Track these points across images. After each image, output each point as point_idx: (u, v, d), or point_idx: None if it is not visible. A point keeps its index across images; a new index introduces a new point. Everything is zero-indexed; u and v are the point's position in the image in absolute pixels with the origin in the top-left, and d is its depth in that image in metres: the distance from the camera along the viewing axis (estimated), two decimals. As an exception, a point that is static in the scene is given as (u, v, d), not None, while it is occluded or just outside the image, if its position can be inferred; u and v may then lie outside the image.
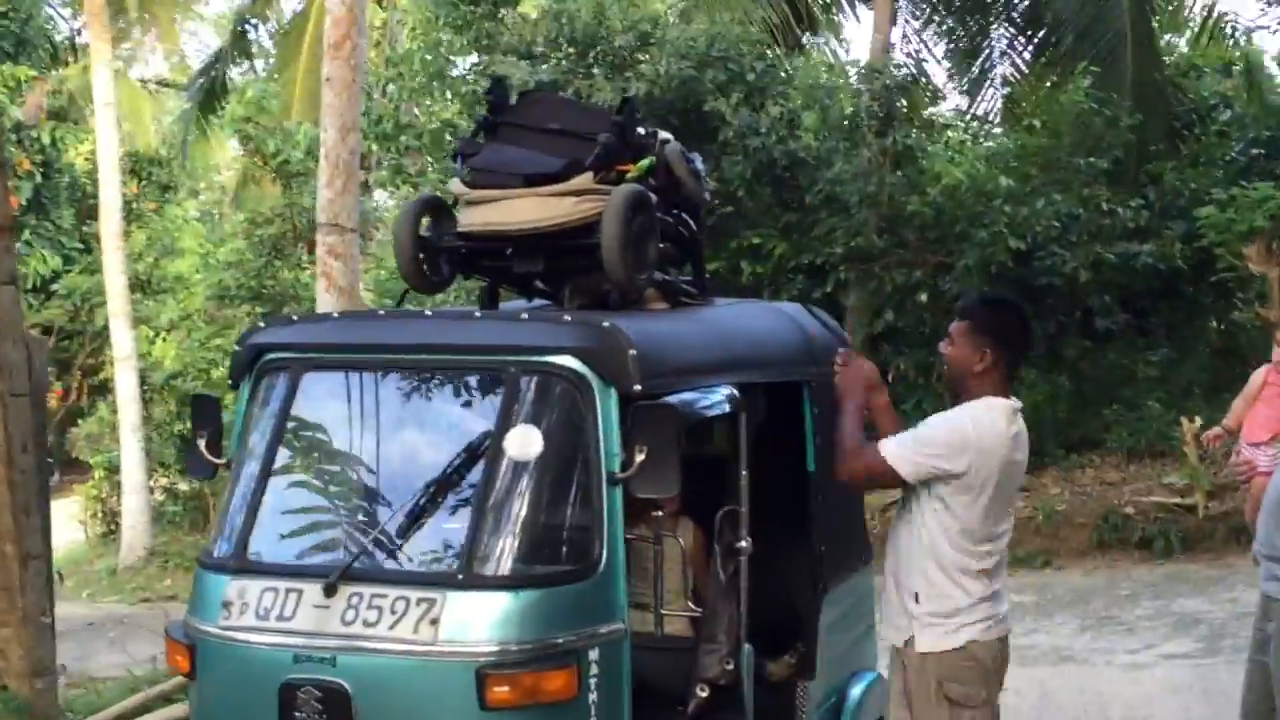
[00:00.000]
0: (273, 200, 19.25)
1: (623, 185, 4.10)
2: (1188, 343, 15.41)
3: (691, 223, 4.69)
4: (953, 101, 18.62)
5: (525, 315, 3.83)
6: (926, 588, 3.94)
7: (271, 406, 3.78)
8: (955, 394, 4.09)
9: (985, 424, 3.92)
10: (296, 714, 3.34)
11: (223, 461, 3.89)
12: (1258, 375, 4.99)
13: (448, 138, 14.74)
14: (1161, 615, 9.04)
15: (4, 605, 5.73)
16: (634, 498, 3.59)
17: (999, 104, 16.92)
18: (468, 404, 3.80)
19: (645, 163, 4.32)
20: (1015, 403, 4.03)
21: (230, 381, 3.99)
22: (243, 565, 3.57)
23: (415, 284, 4.30)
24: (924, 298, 13.30)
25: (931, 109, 17.63)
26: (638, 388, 3.52)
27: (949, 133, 16.81)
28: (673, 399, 3.63)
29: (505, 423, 3.50)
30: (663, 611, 4.28)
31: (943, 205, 13.03)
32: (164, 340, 19.95)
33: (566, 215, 4.07)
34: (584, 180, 4.12)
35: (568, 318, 3.72)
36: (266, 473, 3.69)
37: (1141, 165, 14.25)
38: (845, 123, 13.80)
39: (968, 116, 17.43)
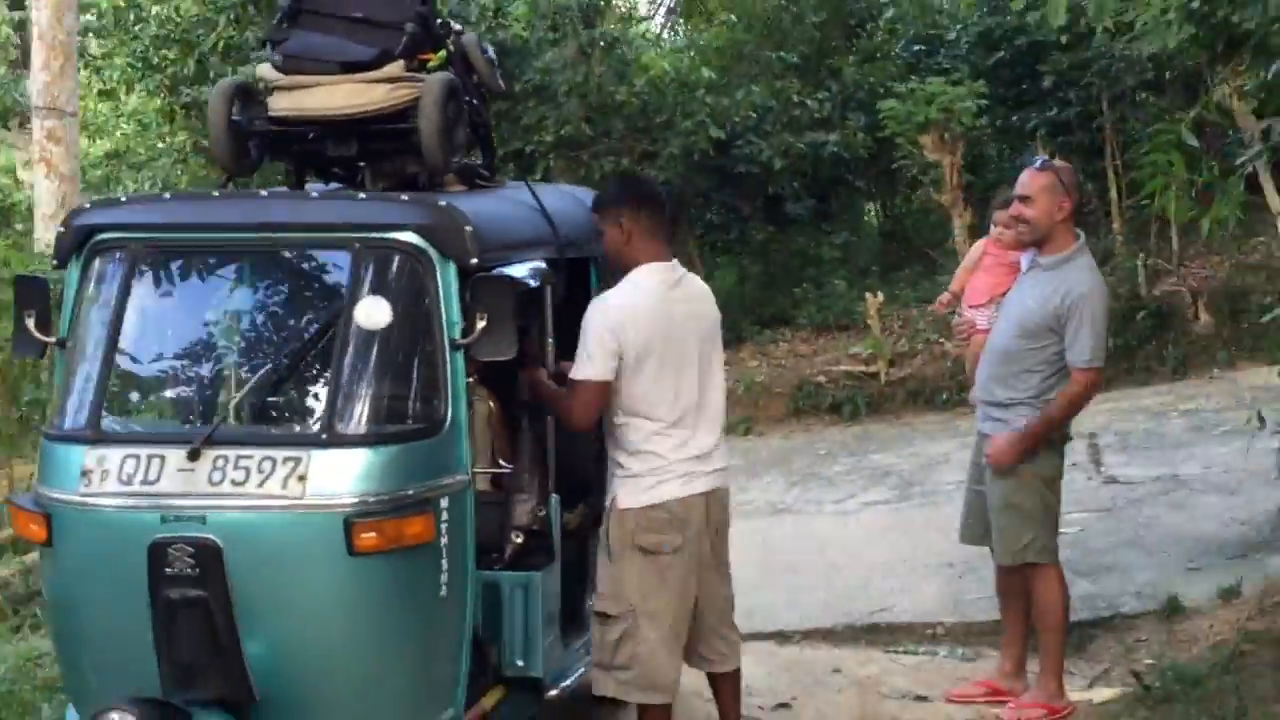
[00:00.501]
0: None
1: (437, 73, 4.36)
2: (862, 227, 16.82)
3: (482, 109, 4.98)
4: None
5: (362, 195, 4.06)
6: (621, 452, 4.29)
7: (109, 286, 3.87)
8: (623, 273, 4.37)
9: (629, 290, 4.23)
10: (168, 570, 3.53)
11: (52, 340, 3.95)
12: (978, 246, 5.74)
13: (132, 18, 14.10)
14: (857, 470, 10.08)
15: None
16: None
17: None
18: (314, 279, 4.03)
19: (442, 52, 4.58)
20: (671, 262, 4.33)
21: (55, 261, 4.02)
22: (99, 436, 3.70)
23: (228, 167, 4.42)
24: (631, 185, 13.90)
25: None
26: (474, 261, 3.85)
27: (646, 24, 17.43)
28: (505, 270, 3.99)
29: (354, 295, 3.75)
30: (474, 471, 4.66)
31: (649, 96, 13.59)
32: None
33: (382, 101, 4.29)
34: (396, 68, 4.35)
35: (404, 197, 3.99)
36: (112, 348, 3.79)
37: (823, 60, 15.33)
38: (554, 14, 14.10)
39: (653, 6, 18.13)
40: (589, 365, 4.17)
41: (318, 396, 3.74)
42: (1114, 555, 6.76)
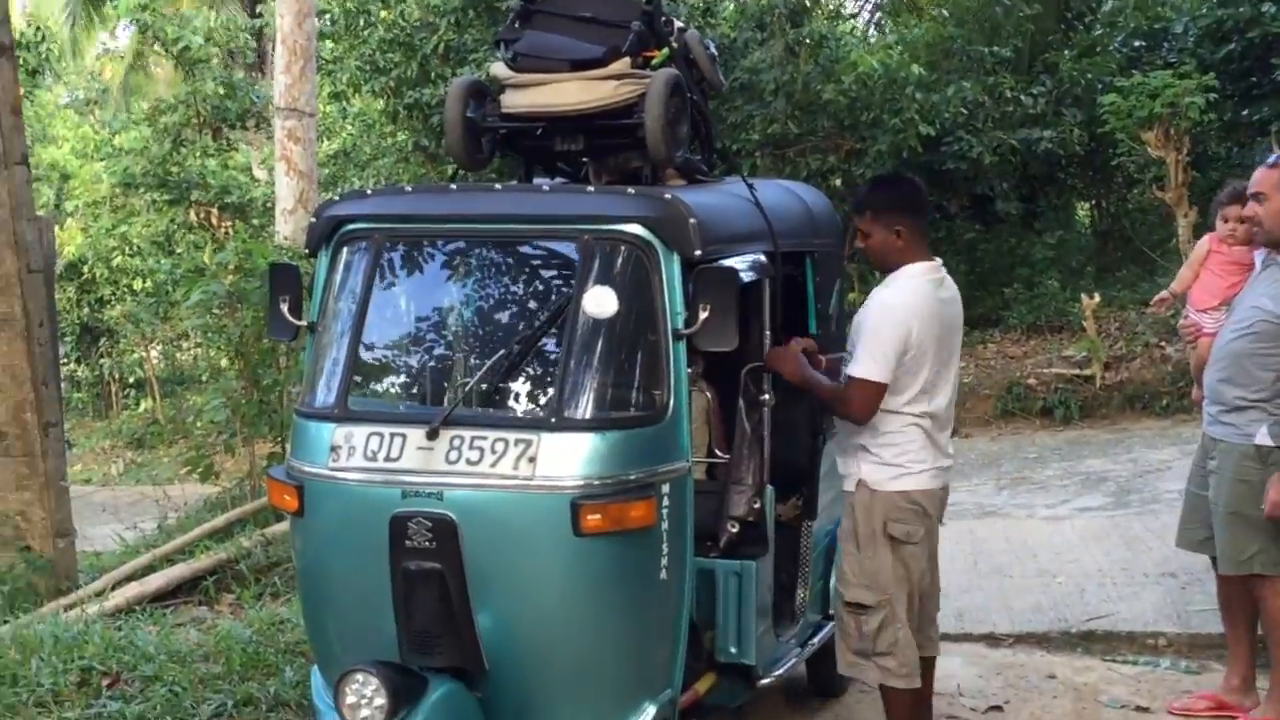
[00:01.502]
0: (164, 89, 18.92)
1: (662, 70, 4.47)
2: (1075, 226, 16.34)
3: (704, 106, 5.07)
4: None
5: (590, 189, 4.20)
6: (873, 439, 4.34)
7: (355, 273, 4.10)
8: (887, 271, 4.42)
9: (909, 291, 4.27)
10: (408, 542, 3.72)
11: (303, 324, 4.21)
12: (1203, 243, 5.46)
13: (361, 23, 14.73)
14: (1070, 475, 9.82)
15: (26, 471, 5.96)
16: None
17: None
18: (544, 269, 4.18)
19: (666, 51, 4.68)
20: (935, 261, 4.40)
21: (307, 250, 4.28)
22: (346, 414, 3.92)
23: (463, 162, 4.61)
24: (838, 183, 13.86)
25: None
26: (698, 253, 3.93)
27: (853, 22, 17.31)
28: (726, 263, 4.06)
29: (582, 285, 3.87)
30: (692, 460, 4.75)
31: (856, 93, 13.52)
32: (61, 229, 19.62)
33: (609, 97, 4.42)
34: (622, 65, 4.47)
35: (631, 191, 4.10)
36: (358, 332, 4.02)
37: (1037, 55, 14.95)
38: (761, 13, 14.15)
39: (860, 3, 17.97)
40: (875, 366, 4.19)
41: (547, 381, 3.87)
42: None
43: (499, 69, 4.59)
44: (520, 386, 3.92)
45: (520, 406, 3.91)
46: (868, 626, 4.31)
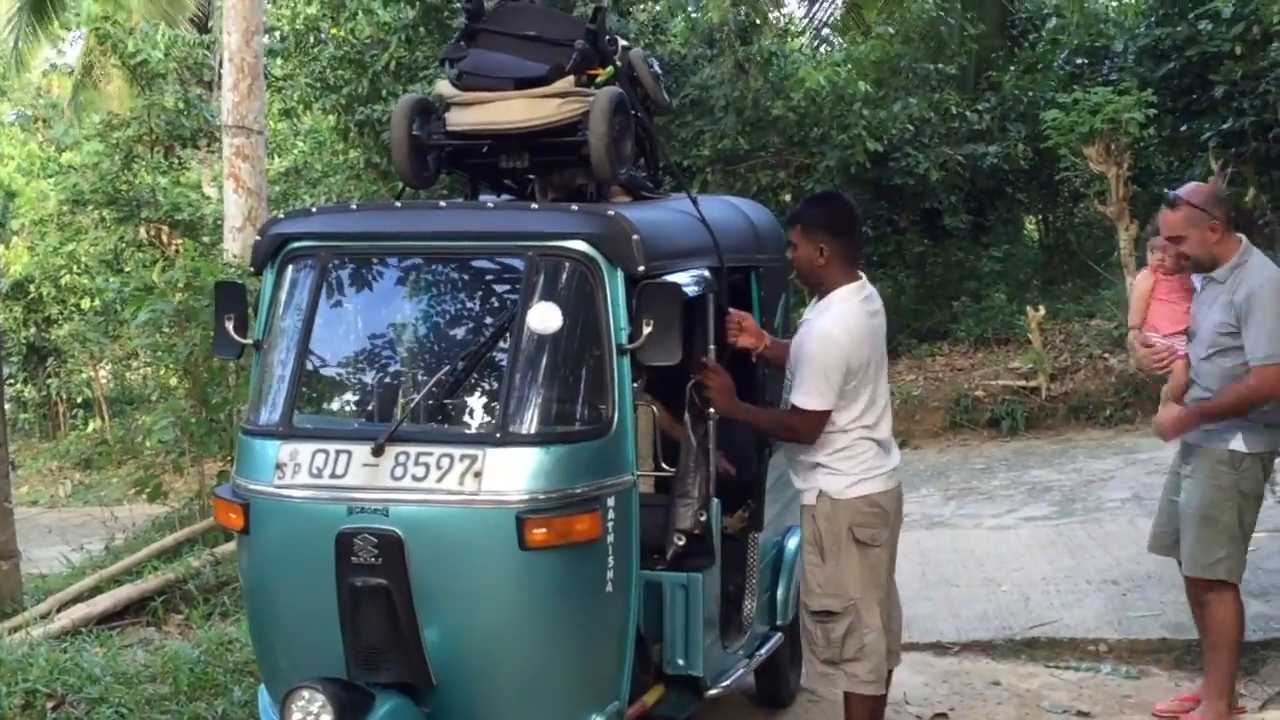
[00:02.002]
0: (116, 104, 18.76)
1: (606, 88, 4.52)
2: (1021, 240, 16.56)
3: (648, 122, 5.13)
4: (790, 8, 19.29)
5: (535, 206, 4.24)
6: (828, 456, 4.42)
7: (301, 291, 4.12)
8: (813, 288, 4.53)
9: (846, 316, 4.36)
10: (353, 559, 3.74)
11: (249, 342, 4.22)
12: (1145, 277, 5.34)
13: (311, 40, 14.72)
14: (1016, 485, 9.94)
15: (-29, 494, 5.91)
16: None
17: (837, 12, 17.63)
18: (489, 286, 4.22)
19: (610, 69, 4.74)
20: (861, 280, 4.46)
21: (252, 268, 4.29)
22: (291, 431, 3.93)
23: (409, 180, 4.64)
24: (788, 198, 13.98)
25: (774, 13, 18.25)
26: (641, 269, 3.98)
27: (799, 39, 17.48)
28: (670, 278, 4.12)
29: (526, 301, 3.91)
30: (638, 474, 4.79)
31: (805, 110, 13.66)
32: (6, 248, 19.42)
33: (553, 115, 4.47)
34: (566, 83, 4.52)
35: (575, 208, 4.15)
36: (304, 349, 4.04)
37: (982, 72, 15.18)
38: (711, 31, 14.27)
39: (807, 21, 18.15)
40: (819, 397, 4.29)
41: (492, 397, 3.90)
42: (1289, 576, 6.57)
43: (444, 87, 4.63)
44: (465, 402, 3.95)
45: (465, 422, 3.93)
46: (835, 633, 4.38)
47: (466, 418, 3.94)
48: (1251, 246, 4.86)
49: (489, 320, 4.11)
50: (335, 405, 4.15)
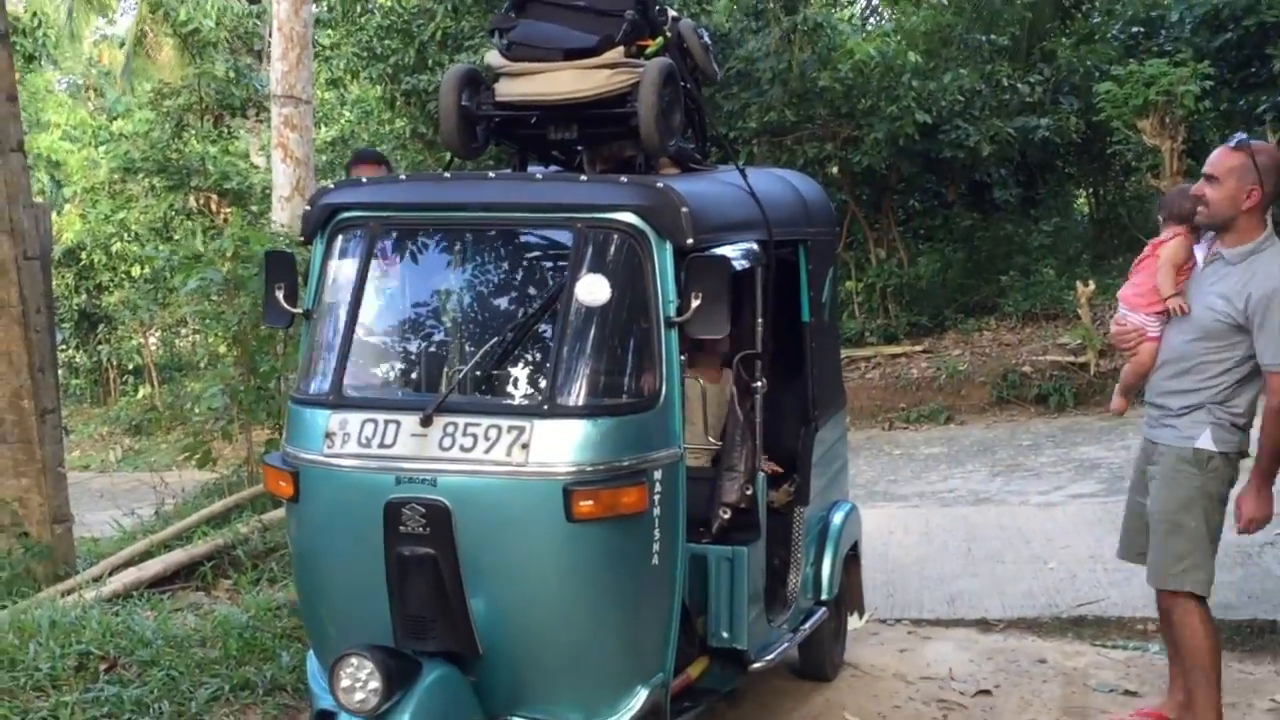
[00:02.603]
0: (167, 73, 18.91)
1: (656, 59, 4.49)
2: (1072, 214, 16.37)
3: (698, 95, 5.09)
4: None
5: (583, 178, 4.22)
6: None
7: (351, 261, 4.12)
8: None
9: None
10: (401, 528, 3.75)
11: (299, 311, 4.24)
12: (1176, 246, 5.02)
13: (358, 10, 14.74)
14: (1063, 462, 9.87)
15: (24, 457, 5.99)
16: None
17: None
18: (538, 257, 4.21)
19: (660, 40, 4.71)
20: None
21: (302, 238, 4.31)
22: (340, 400, 3.94)
23: (458, 150, 4.63)
24: (835, 170, 13.88)
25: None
26: (690, 241, 3.95)
27: (849, 9, 17.31)
28: (718, 251, 4.09)
29: (575, 273, 3.90)
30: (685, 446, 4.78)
31: (853, 81, 13.53)
32: (59, 215, 19.63)
33: (602, 86, 4.44)
34: (616, 54, 4.49)
35: (624, 179, 4.12)
36: (353, 319, 4.04)
37: (1035, 43, 14.96)
38: (756, 2, 14.15)
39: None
40: None
41: (540, 369, 3.89)
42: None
43: (493, 57, 4.61)
44: (513, 374, 3.95)
45: (513, 393, 3.93)
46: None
47: (514, 389, 3.94)
48: (1276, 237, 4.45)
49: (537, 292, 4.09)
50: (384, 375, 4.16)
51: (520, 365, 3.96)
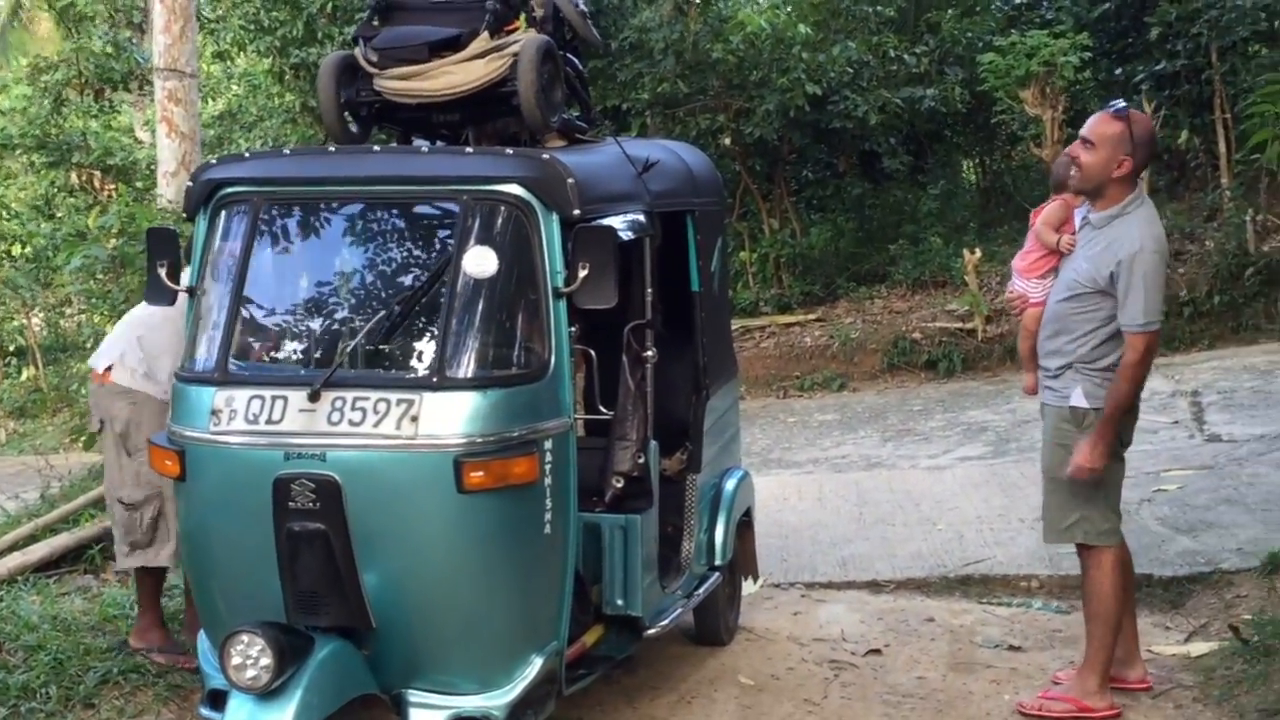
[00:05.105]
0: (46, 46, 18.34)
1: (531, 36, 4.49)
2: (959, 183, 16.68)
3: (578, 63, 5.09)
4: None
5: (469, 150, 4.22)
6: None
7: (234, 236, 4.08)
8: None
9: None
10: (291, 504, 3.74)
11: (182, 288, 4.18)
12: (1054, 208, 5.18)
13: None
14: (952, 426, 10.10)
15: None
16: None
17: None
18: (424, 230, 4.20)
19: (523, 19, 4.69)
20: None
21: (184, 214, 4.25)
22: (226, 378, 3.92)
23: (339, 137, 4.61)
24: (727, 141, 13.96)
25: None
26: (576, 212, 3.98)
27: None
28: (605, 222, 4.12)
29: (462, 245, 3.91)
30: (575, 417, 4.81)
31: (744, 53, 13.60)
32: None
33: (481, 76, 4.46)
34: (482, 42, 4.49)
35: (509, 151, 4.13)
36: (238, 296, 4.01)
37: (921, 14, 15.18)
38: (648, -29, 14.13)
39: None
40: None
41: (428, 342, 3.91)
42: (1215, 513, 6.72)
43: (365, 65, 4.58)
44: (402, 347, 3.96)
45: (402, 367, 3.94)
46: None
47: (403, 362, 3.95)
48: (1145, 201, 4.57)
49: (425, 265, 4.10)
50: (271, 351, 4.12)
51: (409, 338, 3.97)
